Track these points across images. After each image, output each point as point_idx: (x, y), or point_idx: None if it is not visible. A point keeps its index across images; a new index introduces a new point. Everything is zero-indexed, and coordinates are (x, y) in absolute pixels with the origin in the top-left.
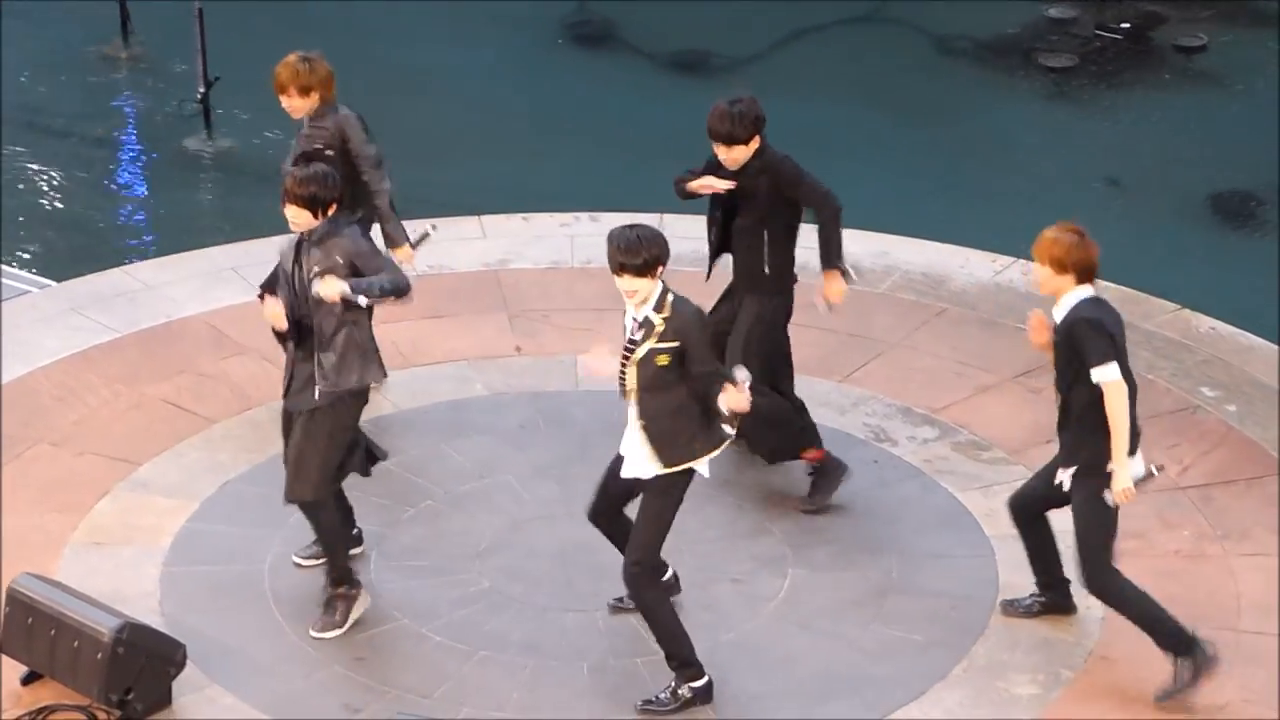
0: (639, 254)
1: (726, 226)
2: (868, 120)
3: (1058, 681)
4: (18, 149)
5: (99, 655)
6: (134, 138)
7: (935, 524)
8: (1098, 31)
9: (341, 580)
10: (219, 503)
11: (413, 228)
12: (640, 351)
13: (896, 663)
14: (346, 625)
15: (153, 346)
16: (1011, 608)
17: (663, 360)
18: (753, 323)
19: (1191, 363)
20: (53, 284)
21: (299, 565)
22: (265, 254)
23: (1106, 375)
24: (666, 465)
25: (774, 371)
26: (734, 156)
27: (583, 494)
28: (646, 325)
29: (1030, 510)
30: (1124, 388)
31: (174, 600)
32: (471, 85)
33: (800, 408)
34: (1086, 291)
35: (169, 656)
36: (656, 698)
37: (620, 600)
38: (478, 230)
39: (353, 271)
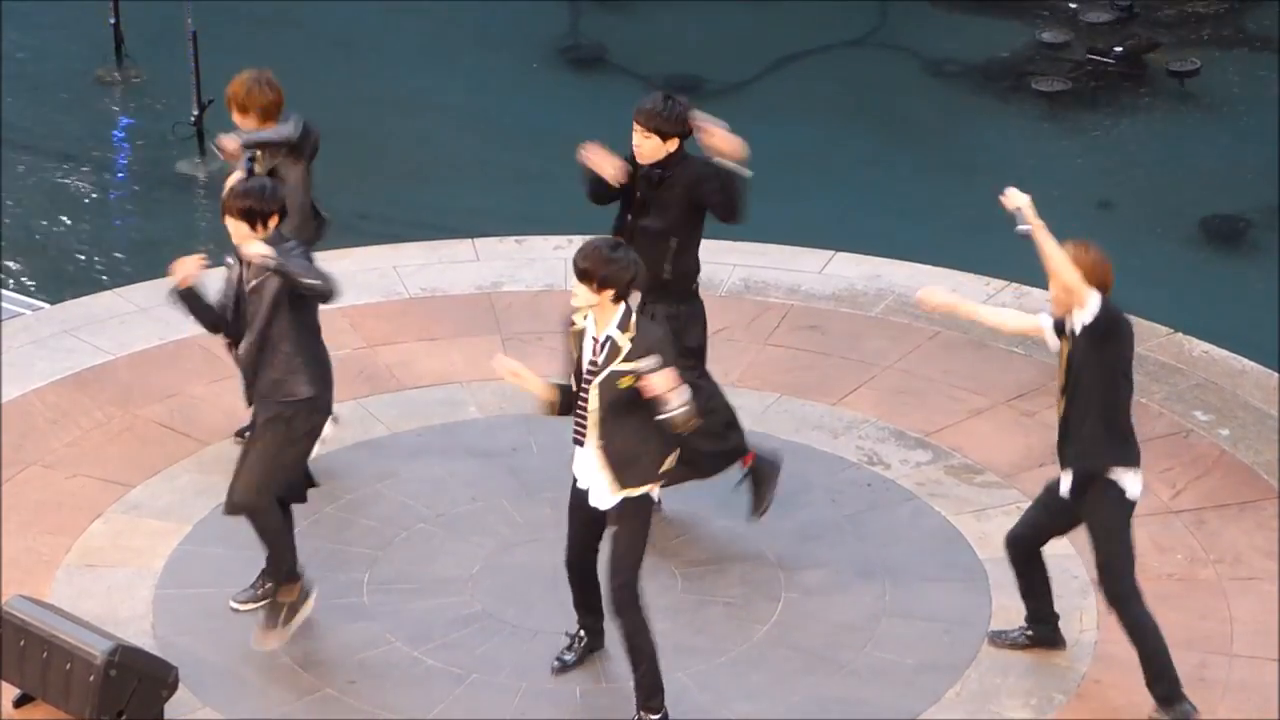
0: (584, 260)
1: (630, 230)
2: (860, 144)
3: (1050, 705)
4: (10, 171)
5: (91, 677)
6: (127, 160)
7: (928, 547)
8: (1090, 56)
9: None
10: (211, 525)
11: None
12: (604, 373)
13: (889, 686)
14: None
15: (145, 369)
16: (999, 639)
17: (626, 382)
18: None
19: (1184, 386)
20: (46, 306)
21: (235, 610)
22: None
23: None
24: (624, 489)
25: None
26: (649, 148)
27: None
28: (610, 345)
29: (1029, 546)
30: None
31: (166, 622)
32: (465, 108)
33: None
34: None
35: (161, 679)
36: None
37: (564, 661)
38: (471, 253)
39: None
